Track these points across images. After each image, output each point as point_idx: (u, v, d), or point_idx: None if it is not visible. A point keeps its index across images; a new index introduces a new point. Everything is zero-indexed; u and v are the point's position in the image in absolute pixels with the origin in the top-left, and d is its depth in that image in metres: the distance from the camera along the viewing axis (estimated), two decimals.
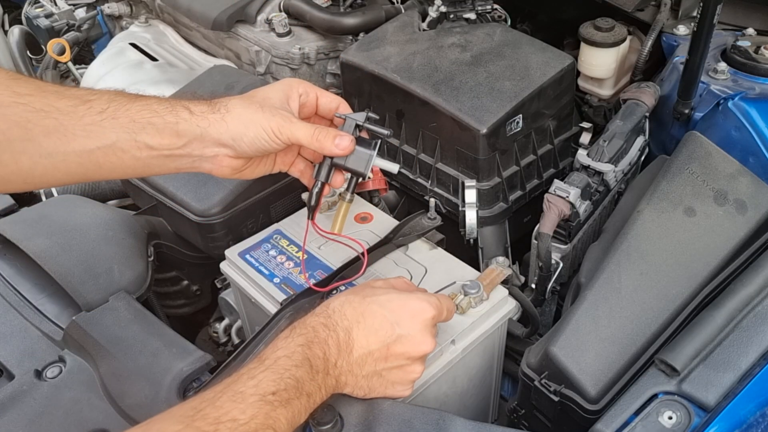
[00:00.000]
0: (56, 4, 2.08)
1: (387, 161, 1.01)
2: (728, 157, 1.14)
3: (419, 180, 1.39)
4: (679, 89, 1.25)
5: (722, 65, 1.29)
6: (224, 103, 0.90)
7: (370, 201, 1.36)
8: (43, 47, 2.03)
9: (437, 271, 1.10)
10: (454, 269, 1.11)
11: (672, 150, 1.18)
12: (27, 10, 2.07)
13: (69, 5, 2.07)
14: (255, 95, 0.94)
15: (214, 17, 1.68)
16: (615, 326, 0.96)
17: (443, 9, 1.49)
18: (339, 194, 1.05)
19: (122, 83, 1.72)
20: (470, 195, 1.28)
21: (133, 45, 1.89)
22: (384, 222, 1.21)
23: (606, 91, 1.53)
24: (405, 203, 1.50)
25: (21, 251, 1.15)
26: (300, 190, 1.32)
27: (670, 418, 0.85)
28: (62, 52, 1.95)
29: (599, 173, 1.22)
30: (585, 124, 1.41)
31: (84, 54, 2.15)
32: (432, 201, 1.28)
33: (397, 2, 1.70)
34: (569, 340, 0.95)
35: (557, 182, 1.18)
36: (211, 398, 0.71)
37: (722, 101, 1.23)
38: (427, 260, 1.13)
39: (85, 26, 2.08)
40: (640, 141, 1.32)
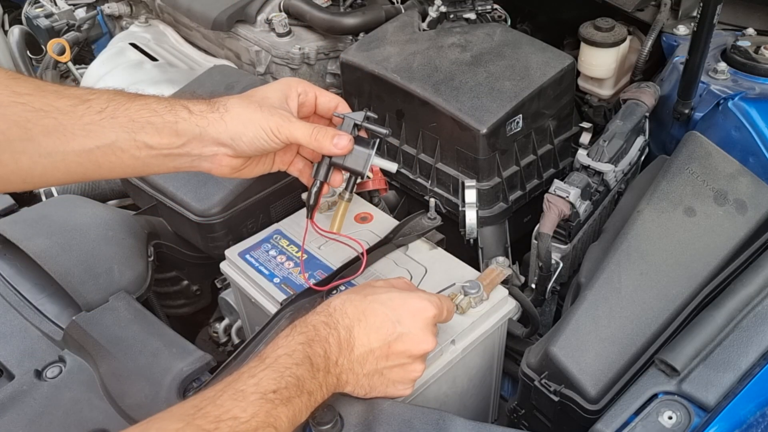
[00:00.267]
0: (56, 4, 2.08)
1: (386, 160, 1.02)
2: (728, 157, 1.14)
3: (419, 180, 1.39)
4: (679, 89, 1.25)
5: (722, 65, 1.29)
6: (223, 103, 0.90)
7: (370, 201, 1.36)
8: (43, 47, 2.03)
9: (437, 271, 1.10)
10: (454, 269, 1.11)
11: (672, 150, 1.18)
12: (27, 10, 2.07)
13: (69, 5, 2.07)
14: (254, 95, 0.94)
15: (214, 17, 1.68)
16: (615, 326, 0.96)
17: (443, 9, 1.49)
18: (338, 194, 1.05)
19: (122, 83, 1.72)
20: (470, 195, 1.28)
21: (133, 45, 1.89)
22: (384, 222, 1.21)
23: (606, 91, 1.53)
24: (405, 203, 1.50)
25: (21, 251, 1.15)
26: (300, 190, 1.32)
27: (670, 418, 0.85)
28: (62, 52, 1.95)
29: (599, 173, 1.22)
30: (585, 124, 1.41)
31: (84, 54, 2.15)
32: (432, 201, 1.28)
33: (397, 2, 1.70)
34: (569, 340, 0.95)
35: (557, 182, 1.18)
36: (212, 397, 0.71)
37: (722, 101, 1.23)
38: (427, 260, 1.13)
39: (85, 26, 2.08)
40: (640, 141, 1.32)
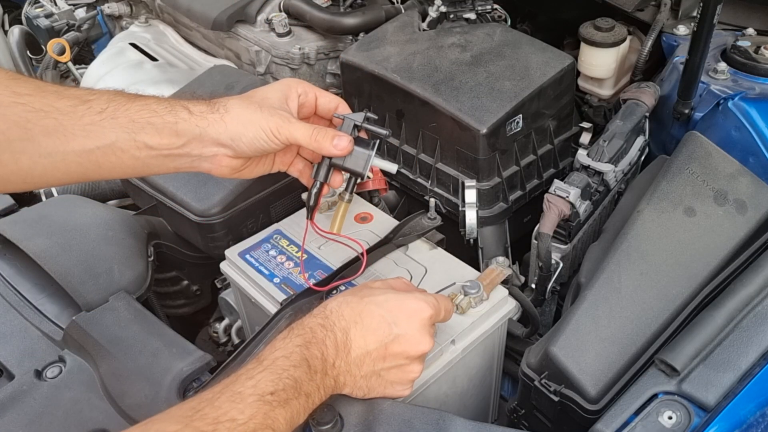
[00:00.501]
0: (56, 4, 2.08)
1: (386, 161, 1.02)
2: (728, 157, 1.14)
3: (419, 180, 1.39)
4: (679, 89, 1.25)
5: (722, 65, 1.29)
6: (223, 103, 0.90)
7: (370, 201, 1.36)
8: (43, 47, 2.03)
9: (437, 271, 1.10)
10: (454, 269, 1.11)
11: (672, 150, 1.18)
12: (27, 10, 2.07)
13: (69, 5, 2.07)
14: (254, 95, 0.94)
15: (214, 17, 1.68)
16: (615, 326, 0.96)
17: (443, 9, 1.49)
18: (338, 194, 1.05)
19: (122, 83, 1.72)
20: (470, 195, 1.28)
21: (133, 45, 1.89)
22: (384, 222, 1.21)
23: (606, 91, 1.53)
24: (405, 203, 1.50)
25: (21, 251, 1.15)
26: (300, 190, 1.32)
27: (670, 418, 0.85)
28: (62, 52, 1.95)
29: (599, 173, 1.22)
30: (585, 124, 1.41)
31: (84, 54, 2.15)
32: (432, 201, 1.28)
33: (397, 2, 1.70)
34: (569, 340, 0.95)
35: (557, 182, 1.18)
36: (210, 398, 0.71)
37: (722, 101, 1.23)
38: (427, 260, 1.13)
39: (85, 26, 2.08)
40: (640, 141, 1.32)
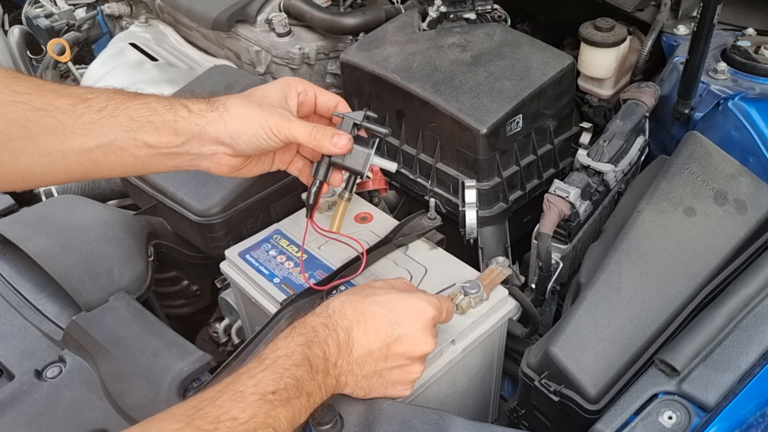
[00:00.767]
0: (56, 4, 2.07)
1: (385, 160, 1.02)
2: (728, 157, 1.14)
3: (419, 180, 1.39)
4: (679, 89, 1.25)
5: (722, 65, 1.29)
6: (222, 102, 0.90)
7: (370, 201, 1.36)
8: (43, 47, 2.03)
9: (437, 271, 1.10)
10: (454, 269, 1.11)
11: (672, 150, 1.18)
12: (27, 10, 2.07)
13: (69, 5, 2.07)
14: (253, 94, 0.94)
15: (214, 17, 1.68)
16: (615, 326, 0.96)
17: (443, 9, 1.49)
18: (338, 194, 1.05)
19: (122, 83, 1.71)
20: (470, 195, 1.28)
21: (133, 45, 1.89)
22: (384, 222, 1.21)
23: (606, 91, 1.53)
24: (405, 203, 1.50)
25: (21, 251, 1.15)
26: (300, 190, 1.32)
27: (670, 418, 0.85)
28: (62, 52, 1.95)
29: (599, 173, 1.22)
30: (585, 124, 1.41)
31: (84, 54, 2.15)
32: (432, 201, 1.28)
33: (397, 2, 1.70)
34: (569, 340, 0.95)
35: (557, 182, 1.18)
36: (211, 397, 0.71)
37: (722, 101, 1.23)
38: (427, 260, 1.13)
39: (85, 26, 2.08)
40: (640, 141, 1.32)
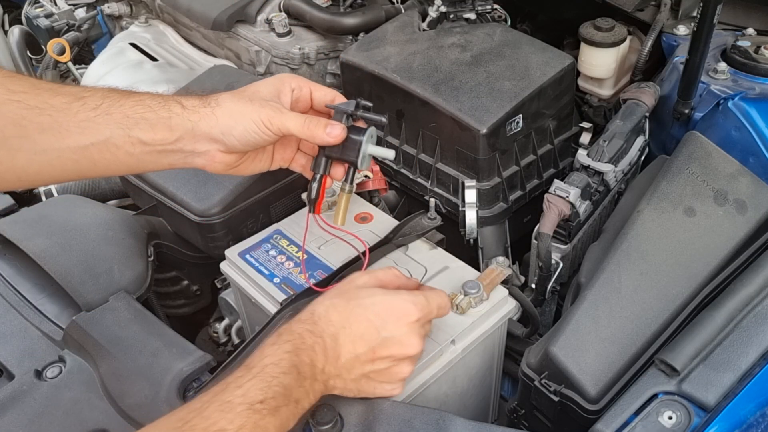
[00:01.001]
0: (56, 4, 2.07)
1: (381, 148, 1.00)
2: (728, 157, 1.14)
3: (419, 180, 1.39)
4: (679, 89, 1.25)
5: (722, 65, 1.29)
6: (215, 98, 0.89)
7: (370, 201, 1.36)
8: (43, 47, 2.03)
9: (437, 271, 1.10)
10: (454, 269, 1.11)
11: (672, 150, 1.18)
12: (27, 10, 2.07)
13: (69, 5, 2.07)
14: (246, 90, 0.94)
15: (214, 17, 1.68)
16: (615, 326, 0.96)
17: (443, 9, 1.49)
18: (340, 187, 1.04)
19: (122, 83, 1.70)
20: (470, 195, 1.28)
21: (133, 45, 1.89)
22: (384, 222, 1.21)
23: (606, 91, 1.53)
24: (405, 203, 1.50)
25: (21, 251, 1.15)
26: (300, 190, 1.32)
27: (670, 418, 0.85)
28: (62, 52, 1.95)
29: (599, 173, 1.22)
30: (585, 124, 1.41)
31: (84, 54, 2.15)
32: (432, 201, 1.28)
33: (397, 2, 1.70)
34: (569, 340, 0.95)
35: (557, 182, 1.18)
36: (199, 408, 0.71)
37: (722, 101, 1.23)
38: (427, 260, 1.13)
39: (85, 26, 2.08)
40: (640, 141, 1.32)
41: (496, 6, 1.54)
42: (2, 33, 2.19)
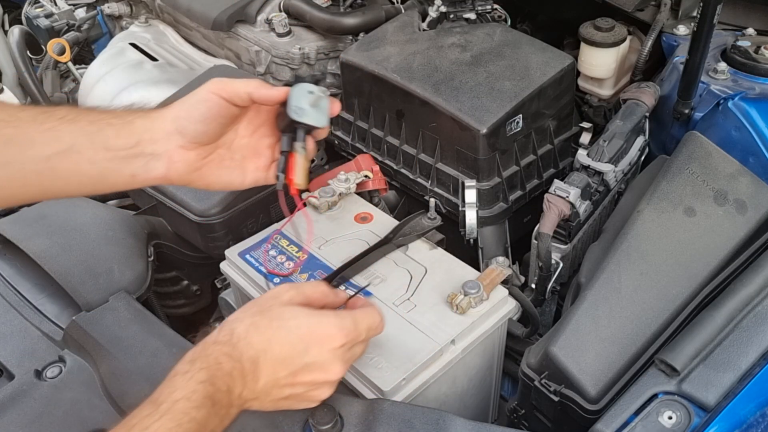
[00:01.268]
0: (56, 4, 2.07)
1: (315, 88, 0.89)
2: (728, 157, 1.14)
3: (419, 180, 1.39)
4: (679, 89, 1.25)
5: (722, 65, 1.29)
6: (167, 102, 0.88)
7: (370, 201, 1.36)
8: (43, 47, 2.03)
9: (437, 271, 1.10)
10: (454, 269, 1.11)
11: (672, 150, 1.18)
12: (27, 10, 2.06)
13: (69, 5, 2.07)
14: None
15: (214, 17, 1.68)
16: (615, 326, 0.96)
17: (443, 9, 1.49)
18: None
19: (122, 83, 1.72)
20: (470, 195, 1.28)
21: (133, 45, 1.89)
22: (384, 222, 1.21)
23: (606, 91, 1.53)
24: (405, 203, 1.50)
25: (21, 251, 1.15)
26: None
27: (670, 418, 0.85)
28: (62, 52, 1.94)
29: (599, 173, 1.22)
30: (585, 124, 1.41)
31: (84, 54, 2.15)
32: (432, 201, 1.28)
33: (397, 2, 1.70)
34: (569, 340, 0.95)
35: (557, 182, 1.18)
36: None
37: (722, 101, 1.23)
38: (427, 260, 1.13)
39: (85, 26, 2.08)
40: (640, 141, 1.32)
41: (496, 6, 1.54)
42: (2, 33, 2.18)
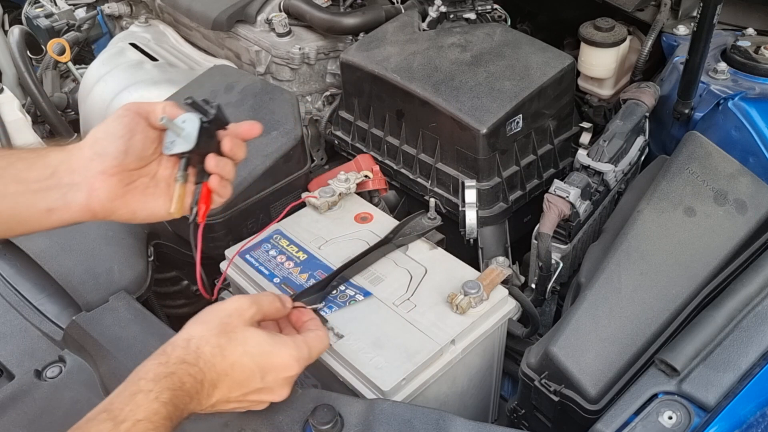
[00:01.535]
0: (56, 4, 2.07)
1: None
2: (728, 157, 1.14)
3: (419, 180, 1.39)
4: (679, 89, 1.25)
5: (722, 65, 1.29)
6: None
7: (370, 201, 1.36)
8: (43, 47, 2.03)
9: (437, 271, 1.10)
10: (454, 269, 1.11)
11: (672, 150, 1.18)
12: (27, 10, 2.06)
13: (69, 5, 2.07)
14: None
15: (214, 17, 1.68)
16: (615, 326, 0.96)
17: (443, 9, 1.49)
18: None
19: (122, 83, 1.72)
20: (470, 195, 1.28)
21: (133, 45, 1.89)
22: (384, 222, 1.21)
23: (606, 91, 1.53)
24: (405, 203, 1.50)
25: (21, 251, 1.15)
26: (300, 190, 1.32)
27: (670, 418, 0.85)
28: (62, 52, 1.94)
29: (599, 173, 1.22)
30: (585, 124, 1.41)
31: (84, 54, 2.15)
32: (432, 201, 1.28)
33: (397, 2, 1.70)
34: (569, 340, 0.95)
35: (557, 182, 1.18)
36: None
37: (722, 101, 1.23)
38: (427, 260, 1.13)
39: (85, 26, 2.07)
40: (640, 141, 1.32)
41: (496, 6, 1.54)
42: (2, 33, 2.18)
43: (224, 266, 1.18)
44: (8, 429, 0.92)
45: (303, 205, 1.26)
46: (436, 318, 1.02)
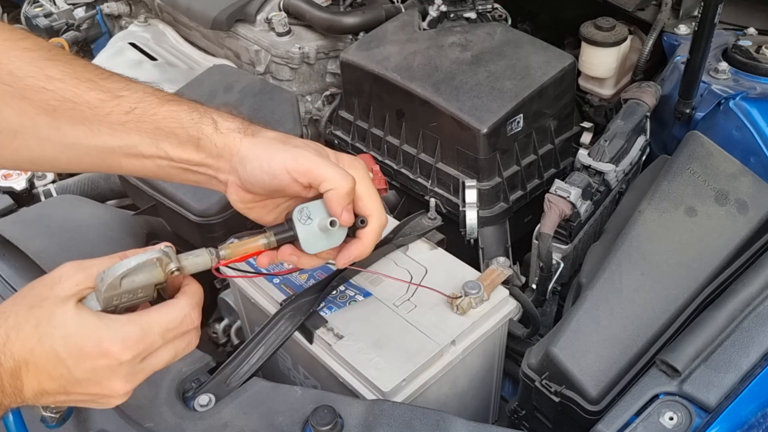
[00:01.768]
0: (55, 4, 2.07)
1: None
2: (729, 157, 1.13)
3: (419, 180, 1.39)
4: (680, 89, 1.25)
5: (723, 65, 1.29)
6: (254, 129, 0.84)
7: None
8: None
9: (437, 272, 1.10)
10: (455, 269, 1.11)
11: (673, 150, 1.18)
12: (26, 10, 2.06)
13: (68, 5, 2.06)
14: (290, 137, 0.86)
15: (214, 17, 1.68)
16: (616, 327, 0.96)
17: (443, 8, 1.49)
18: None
19: None
20: (471, 195, 1.28)
21: (133, 44, 1.88)
22: None
23: (607, 91, 1.53)
24: (405, 203, 1.49)
25: (21, 251, 1.15)
26: None
27: (671, 419, 0.85)
28: None
29: (600, 173, 1.22)
30: (586, 124, 1.41)
31: (83, 53, 2.14)
32: (432, 201, 1.28)
33: (397, 1, 1.70)
34: (570, 341, 0.95)
35: (558, 182, 1.17)
36: None
37: (723, 101, 1.23)
38: (428, 260, 1.13)
39: (84, 26, 2.07)
40: (641, 141, 1.32)
41: (497, 5, 1.54)
42: None
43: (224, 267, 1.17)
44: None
45: None
46: (437, 318, 1.01)
